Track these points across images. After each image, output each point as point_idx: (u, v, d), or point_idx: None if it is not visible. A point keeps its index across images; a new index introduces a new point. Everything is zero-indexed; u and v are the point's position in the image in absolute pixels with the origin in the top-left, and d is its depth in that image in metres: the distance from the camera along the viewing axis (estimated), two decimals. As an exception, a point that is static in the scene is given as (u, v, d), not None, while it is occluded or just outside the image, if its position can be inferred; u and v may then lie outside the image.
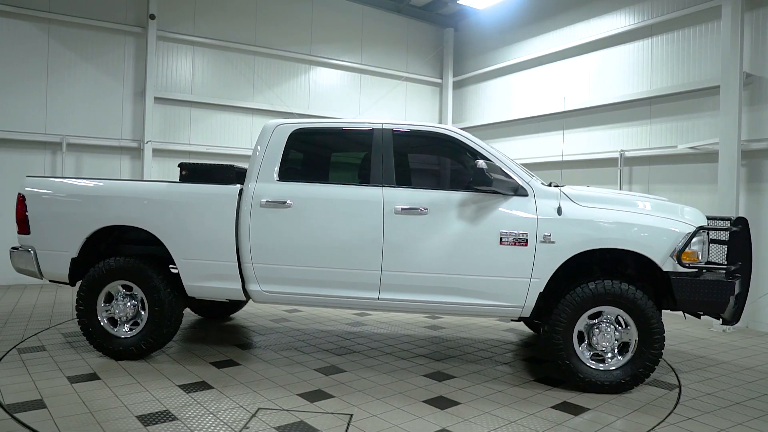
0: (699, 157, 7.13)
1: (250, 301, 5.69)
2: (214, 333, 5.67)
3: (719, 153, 6.49)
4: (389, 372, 4.51)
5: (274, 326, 6.04)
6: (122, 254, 4.81)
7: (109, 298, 4.65)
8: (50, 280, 4.81)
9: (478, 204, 4.19)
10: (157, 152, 8.84)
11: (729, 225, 4.28)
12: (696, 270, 4.02)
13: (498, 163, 4.27)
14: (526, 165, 9.80)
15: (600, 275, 4.32)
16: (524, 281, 4.12)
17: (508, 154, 10.11)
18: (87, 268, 4.71)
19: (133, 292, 4.62)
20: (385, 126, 4.52)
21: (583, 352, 4.14)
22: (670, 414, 3.72)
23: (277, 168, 4.51)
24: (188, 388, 4.00)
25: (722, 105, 6.42)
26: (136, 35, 8.76)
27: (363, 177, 4.44)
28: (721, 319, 4.41)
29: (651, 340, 4.02)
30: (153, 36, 8.66)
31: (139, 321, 4.63)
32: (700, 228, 4.01)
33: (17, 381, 4.02)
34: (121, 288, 4.63)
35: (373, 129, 4.51)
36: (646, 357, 4.03)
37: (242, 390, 3.99)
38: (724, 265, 4.21)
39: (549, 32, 9.45)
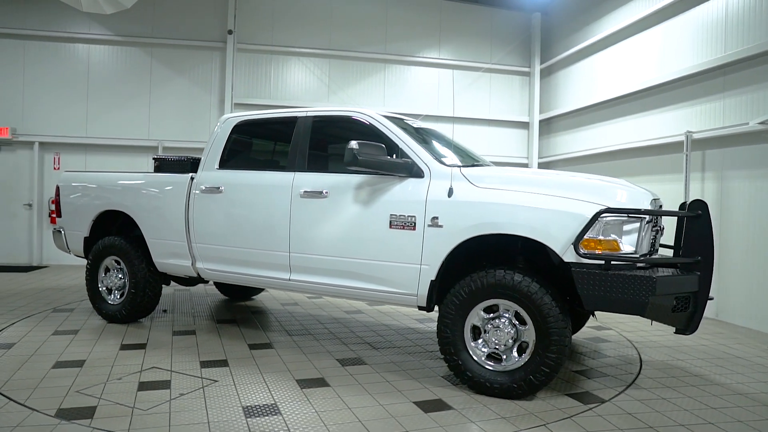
0: (775, 134, 5.68)
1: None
2: (215, 310, 6.31)
3: (783, 127, 5.12)
4: (311, 353, 4.60)
5: (278, 309, 6.46)
6: (122, 235, 5.69)
7: (108, 271, 5.57)
8: (75, 255, 5.91)
9: (373, 186, 4.07)
10: (237, 152, 9.95)
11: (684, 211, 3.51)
12: (603, 261, 3.36)
13: (400, 144, 4.11)
14: (602, 155, 8.77)
15: (524, 266, 3.88)
16: (414, 267, 3.89)
17: (597, 143, 9.05)
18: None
19: (121, 266, 5.46)
20: (308, 114, 4.63)
21: (477, 350, 3.74)
22: (537, 426, 3.20)
23: (218, 157, 4.94)
24: (127, 347, 4.63)
25: (786, 66, 5.06)
26: (221, 49, 9.99)
27: (283, 163, 4.63)
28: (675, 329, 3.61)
29: (548, 342, 3.48)
30: (231, 49, 9.80)
31: (125, 291, 5.45)
32: (605, 211, 3.35)
33: (17, 330, 5.08)
34: (114, 262, 5.50)
35: (297, 117, 4.67)
36: (541, 361, 3.50)
37: (164, 353, 4.48)
38: (639, 256, 3.43)
39: (629, 2, 8.31)
